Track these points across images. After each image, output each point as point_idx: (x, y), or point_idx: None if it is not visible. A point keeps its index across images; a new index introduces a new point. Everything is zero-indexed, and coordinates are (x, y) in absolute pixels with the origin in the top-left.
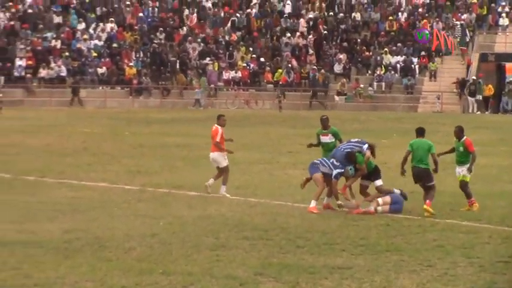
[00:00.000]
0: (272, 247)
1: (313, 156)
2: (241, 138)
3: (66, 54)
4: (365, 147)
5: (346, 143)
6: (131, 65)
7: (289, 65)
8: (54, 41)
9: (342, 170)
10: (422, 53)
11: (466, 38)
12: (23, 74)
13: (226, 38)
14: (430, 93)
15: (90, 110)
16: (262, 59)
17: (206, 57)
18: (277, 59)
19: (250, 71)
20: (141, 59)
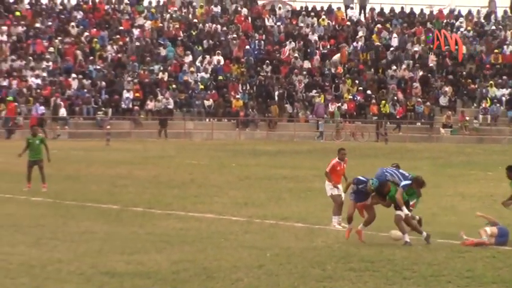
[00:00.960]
0: (379, 278)
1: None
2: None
3: (173, 86)
4: (402, 184)
5: (394, 169)
6: (238, 97)
7: (395, 97)
8: (161, 73)
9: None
10: None
11: None
12: (131, 106)
13: (332, 70)
14: None
15: (197, 141)
16: (368, 92)
17: (312, 90)
18: (382, 91)
19: (357, 104)
20: (247, 91)
